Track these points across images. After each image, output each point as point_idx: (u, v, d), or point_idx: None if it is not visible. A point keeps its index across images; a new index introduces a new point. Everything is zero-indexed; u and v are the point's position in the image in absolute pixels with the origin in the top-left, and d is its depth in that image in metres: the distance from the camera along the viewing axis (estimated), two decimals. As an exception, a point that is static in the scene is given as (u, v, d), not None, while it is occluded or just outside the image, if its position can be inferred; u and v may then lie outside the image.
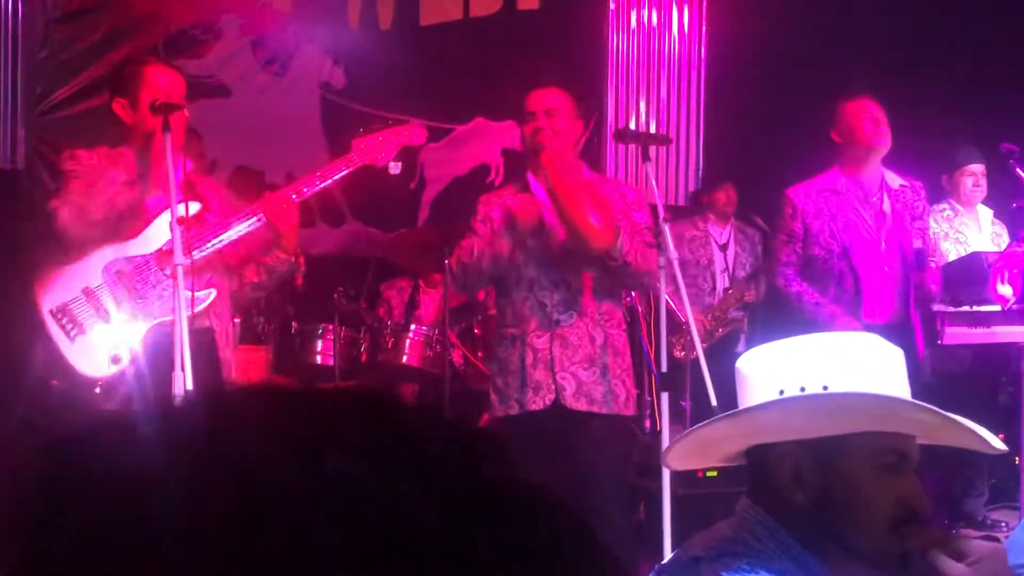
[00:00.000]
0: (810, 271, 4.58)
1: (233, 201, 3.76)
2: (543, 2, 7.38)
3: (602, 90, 7.52)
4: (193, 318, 3.34)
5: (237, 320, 4.77)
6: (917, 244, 4.63)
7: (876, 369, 1.62)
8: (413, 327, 5.68)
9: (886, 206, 4.61)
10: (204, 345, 3.48)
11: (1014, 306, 4.74)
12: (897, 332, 4.33)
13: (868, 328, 4.34)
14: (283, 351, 5.49)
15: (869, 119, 4.57)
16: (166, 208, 3.46)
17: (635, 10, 7.67)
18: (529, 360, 3.84)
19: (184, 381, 2.97)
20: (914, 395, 1.65)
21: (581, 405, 3.84)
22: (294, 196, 3.58)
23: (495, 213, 3.96)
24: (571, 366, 3.85)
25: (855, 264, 4.52)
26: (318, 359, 5.60)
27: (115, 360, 3.41)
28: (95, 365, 3.41)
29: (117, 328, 3.44)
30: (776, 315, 4.89)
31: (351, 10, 7.07)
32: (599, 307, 3.92)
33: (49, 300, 3.44)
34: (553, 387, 3.83)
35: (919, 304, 4.64)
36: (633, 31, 7.67)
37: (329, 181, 3.66)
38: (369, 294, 6.17)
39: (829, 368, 1.61)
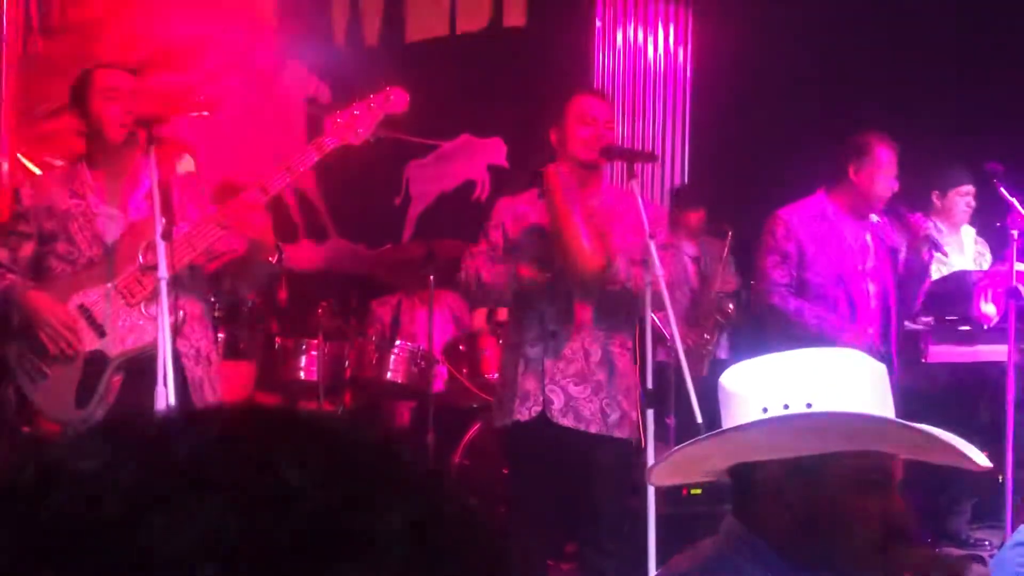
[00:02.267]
0: (803, 295, 4.54)
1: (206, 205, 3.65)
2: (529, 19, 7.41)
3: (588, 107, 7.52)
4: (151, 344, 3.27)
5: (221, 335, 4.76)
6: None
7: (860, 386, 1.62)
8: (398, 343, 5.66)
9: (868, 237, 4.62)
10: (175, 368, 3.35)
11: (998, 325, 4.77)
12: (883, 357, 4.35)
13: (871, 349, 4.36)
14: (267, 366, 5.46)
15: (889, 179, 4.51)
16: (121, 229, 3.42)
17: (621, 28, 7.70)
18: (520, 369, 3.79)
19: (167, 397, 2.94)
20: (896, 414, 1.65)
21: (567, 421, 3.78)
22: (261, 192, 3.40)
23: (507, 219, 3.93)
24: (562, 379, 3.78)
25: (851, 291, 4.51)
26: (301, 375, 5.57)
27: (81, 402, 3.33)
28: (62, 408, 3.34)
29: (80, 368, 3.36)
30: (768, 332, 4.86)
31: (337, 26, 7.08)
32: (600, 324, 3.84)
33: (15, 343, 3.39)
34: (541, 399, 3.77)
35: (900, 330, 4.65)
36: (619, 49, 7.70)
37: (300, 170, 3.48)
38: (358, 311, 6.15)
39: (812, 386, 1.61)
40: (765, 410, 1.61)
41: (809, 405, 1.59)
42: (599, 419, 3.80)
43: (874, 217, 4.65)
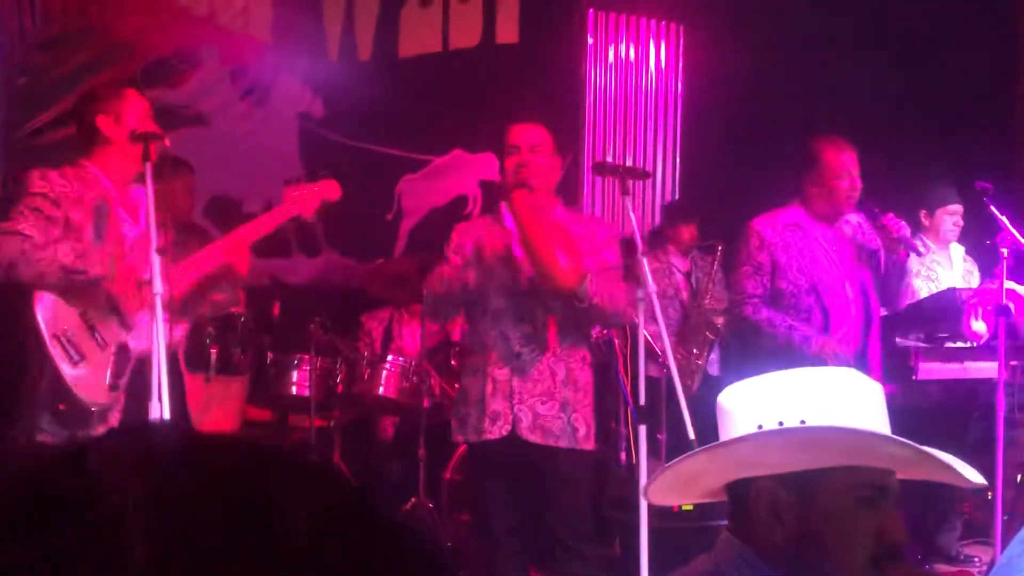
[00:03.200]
0: (776, 305, 4.53)
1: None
2: (522, 36, 7.44)
3: (579, 123, 7.57)
4: (171, 349, 3.45)
5: (214, 351, 4.77)
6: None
7: (854, 404, 1.63)
8: (390, 358, 5.66)
9: (847, 239, 4.63)
10: (172, 375, 3.50)
11: (988, 342, 4.78)
12: (860, 364, 4.37)
13: (837, 358, 4.37)
14: (259, 381, 5.45)
15: (849, 182, 4.50)
16: (133, 232, 3.58)
17: (612, 45, 7.74)
18: (489, 390, 3.91)
19: (160, 411, 2.95)
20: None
21: (536, 438, 3.91)
22: (248, 236, 3.80)
23: (467, 242, 4.03)
24: (529, 399, 3.92)
25: (824, 299, 4.52)
26: (293, 390, 5.56)
27: (114, 387, 3.50)
28: (95, 391, 3.47)
29: (113, 355, 3.52)
30: (746, 344, 4.88)
31: (330, 41, 7.10)
32: (562, 342, 3.98)
33: (52, 325, 3.45)
34: (511, 418, 3.90)
35: (884, 337, 4.66)
36: (610, 65, 7.74)
37: (268, 230, 3.87)
38: (350, 326, 6.15)
39: (807, 403, 1.62)
40: (760, 427, 1.62)
41: (803, 422, 1.60)
42: (568, 434, 3.95)
43: (853, 218, 4.66)
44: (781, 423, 1.61)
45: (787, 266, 4.52)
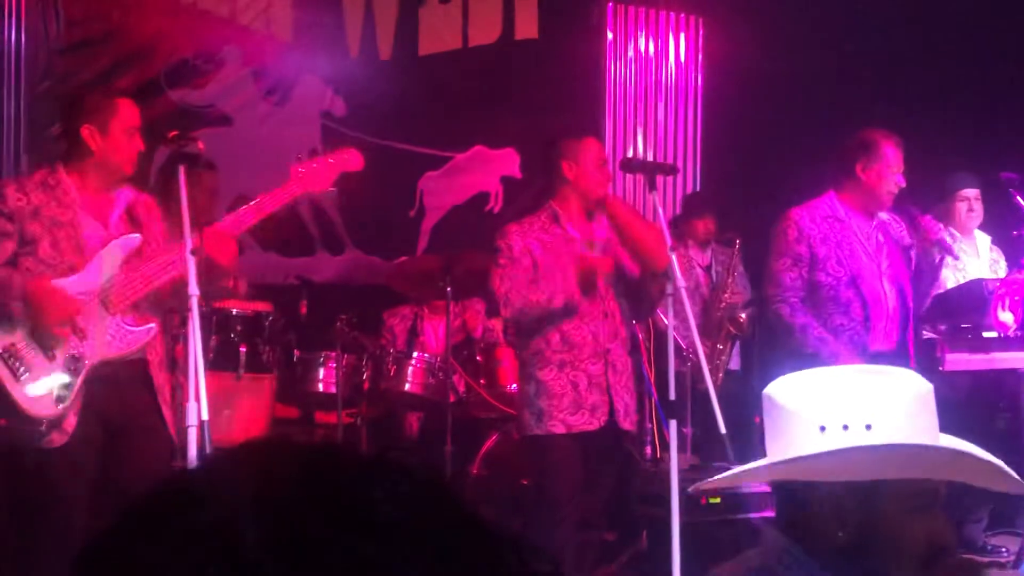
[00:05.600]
0: (814, 297, 4.50)
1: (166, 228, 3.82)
2: (541, 31, 7.45)
3: (600, 118, 7.57)
4: (135, 353, 3.51)
5: (243, 349, 4.81)
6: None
7: (916, 408, 1.61)
8: (416, 354, 5.69)
9: (879, 236, 4.61)
10: (139, 374, 3.59)
11: (1015, 333, 4.77)
12: (900, 358, 4.35)
13: (875, 356, 4.35)
14: (286, 379, 5.48)
15: (898, 173, 4.49)
16: (107, 241, 3.55)
17: (632, 40, 7.74)
18: (583, 384, 4.25)
19: (199, 412, 2.98)
20: None
21: (628, 424, 4.37)
22: (236, 225, 3.69)
23: (532, 246, 4.31)
24: (620, 390, 4.32)
25: (863, 292, 4.48)
26: (320, 387, 5.59)
27: (60, 400, 3.44)
28: (41, 405, 3.44)
29: (61, 367, 3.47)
30: (775, 341, 4.86)
31: (351, 40, 7.12)
32: (628, 335, 4.44)
33: (12, 334, 3.47)
34: (608, 408, 4.27)
35: (916, 331, 4.65)
36: (630, 60, 7.74)
37: (268, 211, 3.77)
38: (372, 322, 6.18)
39: (871, 406, 1.59)
40: (823, 428, 1.59)
41: (869, 427, 1.57)
42: (635, 421, 4.52)
43: (883, 215, 4.64)
44: (846, 426, 1.57)
45: (826, 258, 4.48)
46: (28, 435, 3.42)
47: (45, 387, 3.44)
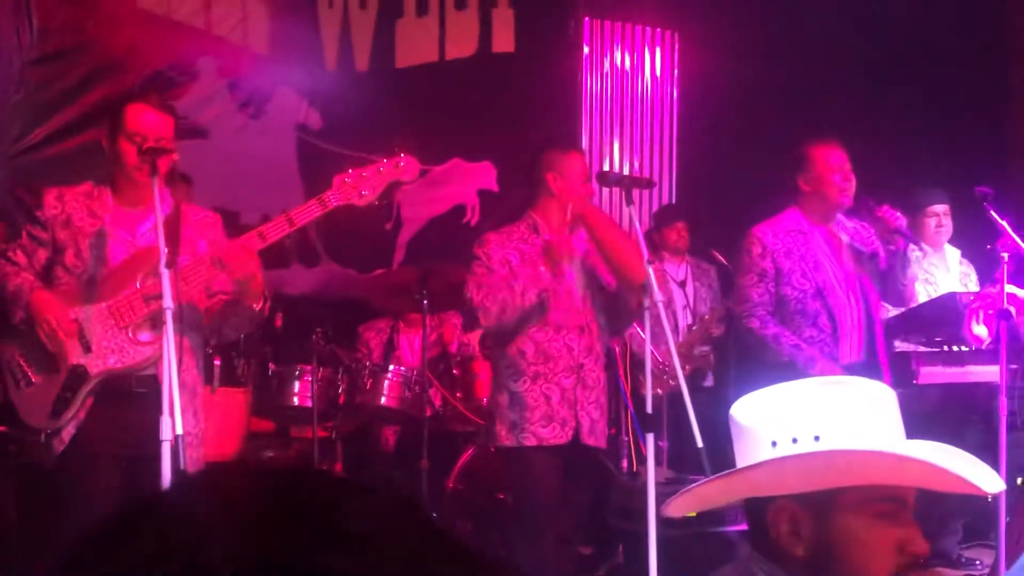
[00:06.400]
0: (782, 311, 4.51)
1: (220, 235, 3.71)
2: (518, 45, 7.46)
3: (577, 132, 7.59)
4: (143, 367, 3.42)
5: (217, 362, 4.76)
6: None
7: (869, 415, 1.61)
8: (392, 368, 5.67)
9: (845, 244, 4.62)
10: (152, 392, 3.36)
11: (989, 346, 4.80)
12: (871, 370, 4.36)
13: (846, 368, 4.37)
14: (261, 392, 5.45)
15: (841, 175, 4.50)
16: (127, 252, 3.50)
17: (608, 54, 7.77)
18: (556, 397, 4.21)
19: (172, 426, 2.95)
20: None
21: (592, 441, 4.29)
22: (259, 238, 3.44)
23: (510, 255, 4.28)
24: (588, 405, 4.27)
25: (829, 302, 4.51)
26: (295, 400, 5.56)
27: (56, 413, 3.38)
28: (39, 416, 3.40)
29: (62, 378, 3.42)
30: (749, 355, 4.88)
31: (327, 52, 7.11)
32: (602, 350, 4.39)
33: (14, 343, 3.46)
34: (574, 424, 4.23)
35: (888, 342, 4.66)
36: (607, 74, 7.77)
37: (300, 224, 3.51)
38: (348, 335, 6.15)
39: (819, 418, 1.60)
40: (774, 444, 1.61)
41: (817, 438, 1.58)
42: (604, 436, 4.43)
43: (849, 224, 4.66)
44: (795, 439, 1.59)
45: (791, 271, 4.50)
46: (29, 444, 3.39)
47: (43, 398, 3.39)
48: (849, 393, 1.66)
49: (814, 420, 1.61)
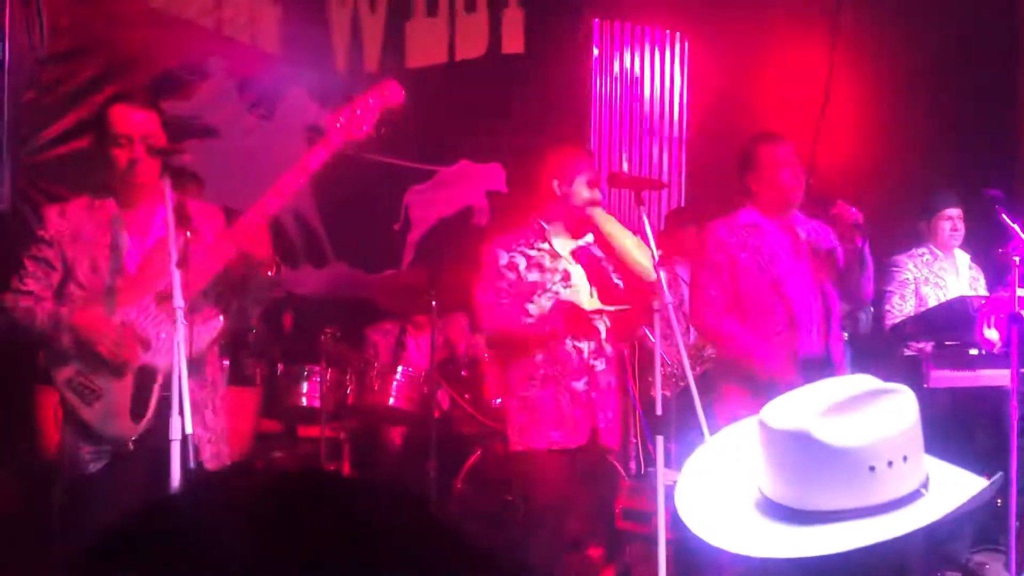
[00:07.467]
0: (740, 306, 4.46)
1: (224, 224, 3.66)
2: (528, 46, 7.46)
3: (586, 134, 7.59)
4: (200, 351, 3.38)
5: (226, 362, 4.76)
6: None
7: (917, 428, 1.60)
8: (400, 369, 5.67)
9: (802, 239, 4.57)
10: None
11: (1000, 350, 4.78)
12: (827, 364, 4.35)
13: (804, 360, 4.33)
14: (269, 393, 5.45)
15: (790, 172, 4.46)
16: (141, 253, 3.46)
17: (618, 55, 7.77)
18: (566, 401, 4.25)
19: (183, 426, 2.95)
20: None
21: (609, 442, 4.37)
22: (270, 206, 3.48)
23: (519, 260, 4.33)
24: (603, 407, 4.31)
25: (788, 296, 4.46)
26: (303, 401, 5.56)
27: (137, 416, 3.36)
28: (119, 425, 3.36)
29: (132, 382, 3.38)
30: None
31: (338, 52, 7.11)
32: (612, 352, 4.43)
33: (60, 370, 3.40)
34: (590, 426, 4.27)
35: (846, 335, 4.66)
36: (616, 75, 7.76)
37: (309, 173, 3.56)
38: (356, 335, 6.15)
39: (901, 436, 1.55)
40: (872, 469, 1.53)
41: (905, 459, 1.53)
42: (619, 437, 4.54)
43: (806, 223, 4.62)
44: (890, 463, 1.52)
45: (747, 265, 4.45)
46: (116, 459, 3.33)
47: (117, 407, 3.35)
48: (900, 402, 1.58)
49: (898, 440, 1.54)
